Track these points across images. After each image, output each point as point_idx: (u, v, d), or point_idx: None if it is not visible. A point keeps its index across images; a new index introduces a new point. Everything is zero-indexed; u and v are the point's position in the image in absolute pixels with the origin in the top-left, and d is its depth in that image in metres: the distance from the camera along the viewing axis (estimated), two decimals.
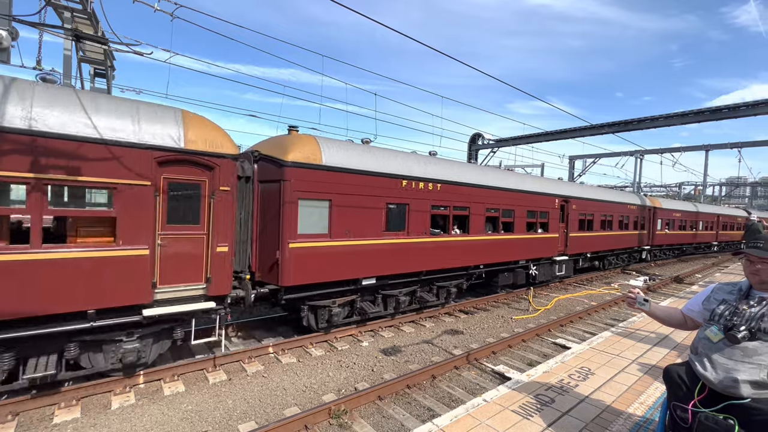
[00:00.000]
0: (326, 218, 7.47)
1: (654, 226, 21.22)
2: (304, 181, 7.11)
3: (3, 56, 5.84)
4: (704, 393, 2.36)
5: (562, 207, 14.10)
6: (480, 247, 10.74)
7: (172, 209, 5.70)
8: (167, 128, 5.60)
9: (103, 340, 5.44)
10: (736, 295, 2.46)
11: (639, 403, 4.42)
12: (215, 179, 5.98)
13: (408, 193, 8.80)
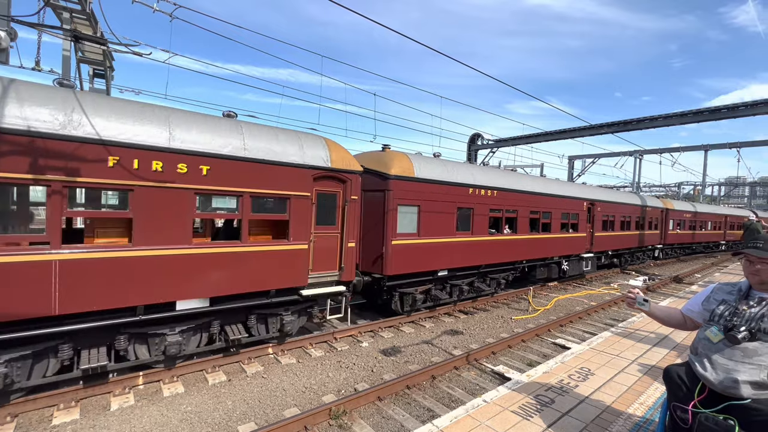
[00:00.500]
0: (415, 220, 9.17)
1: (666, 226, 22.85)
2: (402, 191, 8.81)
3: (2, 57, 5.83)
4: (704, 393, 2.36)
5: (589, 209, 15.73)
6: (525, 245, 12.41)
7: (320, 214, 7.45)
8: (319, 152, 7.35)
9: (271, 313, 7.10)
10: (735, 295, 2.45)
11: (639, 403, 4.42)
12: (347, 190, 7.76)
13: (473, 198, 10.47)
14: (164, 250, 5.64)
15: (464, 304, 11.01)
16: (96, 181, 5.08)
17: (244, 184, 6.32)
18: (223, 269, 6.19)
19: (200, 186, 5.90)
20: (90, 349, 5.46)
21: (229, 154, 6.10)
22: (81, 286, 5.00)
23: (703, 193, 38.96)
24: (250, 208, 6.46)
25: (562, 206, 14.11)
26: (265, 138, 6.68)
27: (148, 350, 5.94)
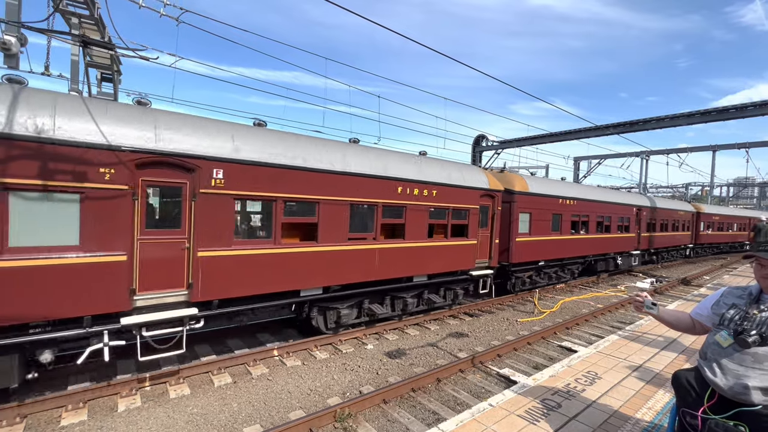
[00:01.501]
0: (528, 223, 12.36)
1: (698, 228, 26.30)
2: (522, 202, 12.09)
3: (12, 62, 5.93)
4: (714, 399, 2.33)
5: (637, 214, 18.94)
6: (593, 243, 15.77)
7: (481, 220, 10.65)
8: (482, 178, 10.79)
9: (450, 287, 10.27)
10: (746, 299, 2.42)
11: (647, 408, 4.36)
12: (495, 203, 11.11)
13: (562, 207, 13.83)
14: (416, 243, 8.97)
15: (469, 307, 10.97)
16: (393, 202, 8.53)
17: (450, 201, 9.65)
18: (437, 256, 9.45)
19: (432, 203, 9.25)
20: (373, 304, 8.64)
21: (445, 182, 9.48)
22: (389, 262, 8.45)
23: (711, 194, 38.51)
24: (451, 216, 9.73)
25: (619, 211, 17.43)
26: (456, 170, 10.11)
27: (392, 307, 9.07)
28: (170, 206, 5.88)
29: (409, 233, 8.72)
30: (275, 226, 6.68)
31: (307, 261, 7.11)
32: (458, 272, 10.15)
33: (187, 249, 5.84)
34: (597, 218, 15.84)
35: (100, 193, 5.09)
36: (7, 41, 5.63)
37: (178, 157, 5.66)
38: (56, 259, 4.81)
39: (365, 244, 7.98)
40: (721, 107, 15.29)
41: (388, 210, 8.38)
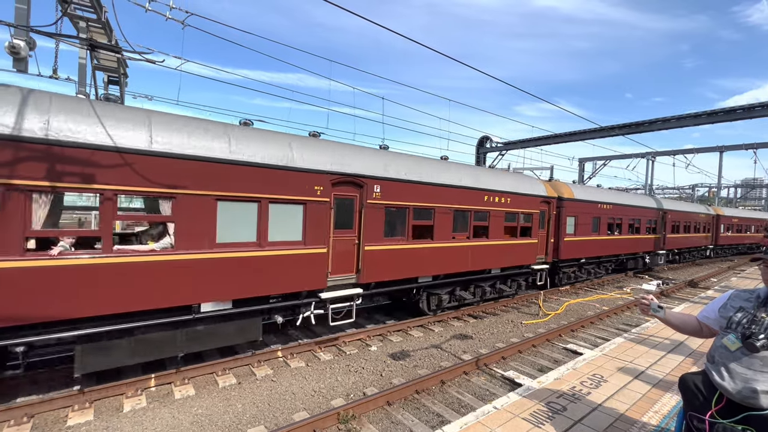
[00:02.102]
0: (574, 225, 14.40)
1: (718, 230, 28.02)
2: (569, 208, 14.09)
3: (21, 65, 6.02)
4: (722, 403, 2.30)
5: (663, 217, 20.76)
6: (626, 243, 17.75)
7: (540, 221, 12.61)
8: (542, 187, 12.87)
9: (513, 279, 12.05)
10: (754, 302, 2.39)
11: (653, 412, 4.32)
12: (551, 208, 13.19)
13: (600, 211, 15.87)
14: (496, 242, 10.89)
15: (474, 309, 10.93)
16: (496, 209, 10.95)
17: (519, 206, 11.57)
18: (510, 253, 11.36)
19: (507, 209, 11.19)
20: (462, 291, 10.50)
21: (516, 191, 11.43)
22: (477, 257, 10.32)
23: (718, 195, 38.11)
24: (520, 219, 11.68)
25: (647, 215, 19.29)
26: (523, 180, 12.35)
27: (473, 294, 10.82)
28: (348, 213, 7.85)
29: (491, 233, 10.75)
30: (408, 227, 8.76)
31: (425, 255, 9.15)
32: (523, 266, 12.24)
33: (357, 244, 7.95)
34: (629, 221, 17.82)
35: (314, 205, 7.16)
36: (17, 45, 5.71)
37: (356, 177, 7.71)
38: (292, 250, 6.94)
39: (463, 242, 10.00)
40: (728, 108, 15.14)
41: (477, 214, 10.36)
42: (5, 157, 4.61)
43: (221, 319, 6.42)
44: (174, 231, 5.72)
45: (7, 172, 4.62)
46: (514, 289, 12.12)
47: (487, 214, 10.61)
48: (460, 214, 9.90)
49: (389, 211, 8.44)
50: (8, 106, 4.73)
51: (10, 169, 4.64)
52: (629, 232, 17.82)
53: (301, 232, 7.02)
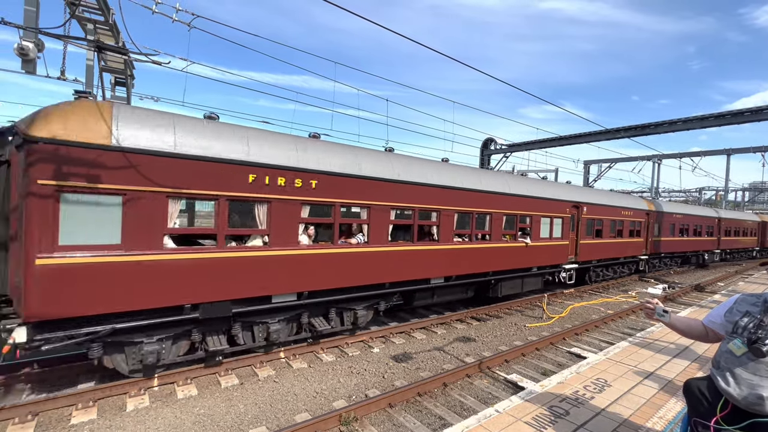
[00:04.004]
0: (659, 230, 19.35)
1: (764, 235, 34.63)
2: (654, 216, 18.93)
3: (30, 67, 6.10)
4: (727, 409, 2.27)
5: (718, 223, 25.77)
6: (690, 243, 22.72)
7: (571, 225, 13.67)
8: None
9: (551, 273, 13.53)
10: (760, 307, 2.36)
11: (658, 417, 4.27)
12: (580, 212, 14.05)
13: (675, 219, 20.79)
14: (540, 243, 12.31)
15: (477, 311, 10.89)
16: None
17: (554, 211, 12.79)
18: (547, 252, 12.66)
19: (546, 213, 12.48)
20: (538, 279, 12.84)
21: (553, 197, 12.80)
22: (532, 255, 12.07)
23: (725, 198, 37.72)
24: (552, 222, 12.79)
25: (706, 222, 24.37)
26: (557, 187, 13.70)
27: (521, 287, 12.16)
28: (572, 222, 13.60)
29: (534, 234, 12.08)
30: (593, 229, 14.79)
31: (528, 251, 11.87)
32: (555, 265, 13.26)
33: (575, 239, 13.71)
34: (693, 227, 22.64)
35: (565, 218, 13.15)
36: (25, 47, 5.80)
37: (578, 203, 13.74)
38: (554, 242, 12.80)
39: (521, 243, 11.86)
40: (735, 110, 14.98)
41: (529, 218, 11.97)
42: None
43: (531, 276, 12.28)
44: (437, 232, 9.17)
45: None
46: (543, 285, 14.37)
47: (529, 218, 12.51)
48: (523, 218, 12.08)
49: (590, 221, 14.54)
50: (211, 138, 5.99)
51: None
52: (693, 235, 22.77)
53: (561, 232, 13.04)
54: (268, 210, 6.43)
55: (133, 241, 5.27)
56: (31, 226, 4.60)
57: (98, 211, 5.04)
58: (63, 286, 4.78)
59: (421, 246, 8.71)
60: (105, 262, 5.05)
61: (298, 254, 6.78)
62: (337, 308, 7.86)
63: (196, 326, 6.18)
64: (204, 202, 6.26)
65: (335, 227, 7.31)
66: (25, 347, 4.78)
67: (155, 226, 5.45)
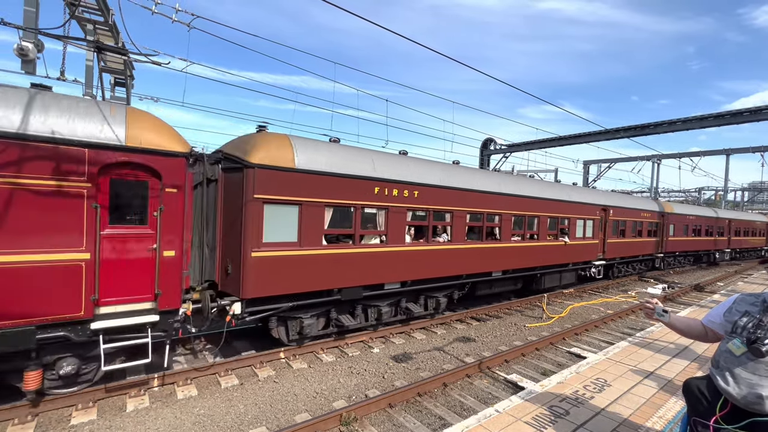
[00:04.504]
0: (683, 231, 22.11)
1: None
2: (671, 220, 20.93)
3: (29, 67, 6.09)
4: (726, 409, 2.27)
5: (729, 224, 27.67)
6: (702, 243, 24.33)
7: (600, 226, 15.20)
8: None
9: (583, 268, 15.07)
10: (759, 306, 2.36)
11: (658, 417, 4.28)
12: (608, 214, 15.66)
13: (690, 221, 22.49)
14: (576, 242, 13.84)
15: (477, 311, 10.89)
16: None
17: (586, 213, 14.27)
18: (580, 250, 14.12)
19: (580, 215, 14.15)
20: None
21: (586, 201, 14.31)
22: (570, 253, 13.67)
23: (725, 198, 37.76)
24: (585, 223, 14.24)
25: (718, 223, 26.10)
26: (587, 192, 15.49)
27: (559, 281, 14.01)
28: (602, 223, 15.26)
29: (570, 234, 13.54)
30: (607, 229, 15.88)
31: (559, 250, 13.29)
32: (587, 262, 14.72)
33: (603, 239, 15.23)
34: (705, 227, 24.41)
35: (596, 220, 14.81)
36: (25, 47, 5.79)
37: (606, 206, 15.40)
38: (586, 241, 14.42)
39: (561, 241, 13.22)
40: (734, 110, 14.99)
41: (567, 220, 13.50)
42: None
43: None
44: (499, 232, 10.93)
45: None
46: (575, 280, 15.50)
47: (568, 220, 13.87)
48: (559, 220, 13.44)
49: (615, 222, 16.15)
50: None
51: None
52: (705, 235, 24.21)
53: (591, 233, 14.60)
54: (386, 215, 8.12)
55: (305, 239, 6.94)
56: (248, 228, 6.27)
57: (284, 217, 6.73)
58: (266, 273, 6.48)
59: (488, 244, 10.41)
60: (289, 255, 6.76)
61: (404, 250, 8.50)
62: (426, 295, 9.52)
63: (334, 307, 7.81)
64: (345, 209, 7.65)
65: (429, 228, 9.03)
66: (238, 318, 6.40)
67: (318, 228, 7.12)
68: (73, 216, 4.80)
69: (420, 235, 9.29)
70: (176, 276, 5.66)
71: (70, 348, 5.11)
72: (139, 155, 5.22)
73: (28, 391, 4.83)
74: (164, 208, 5.48)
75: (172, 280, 5.60)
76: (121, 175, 5.20)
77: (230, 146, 7.08)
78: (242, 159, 6.39)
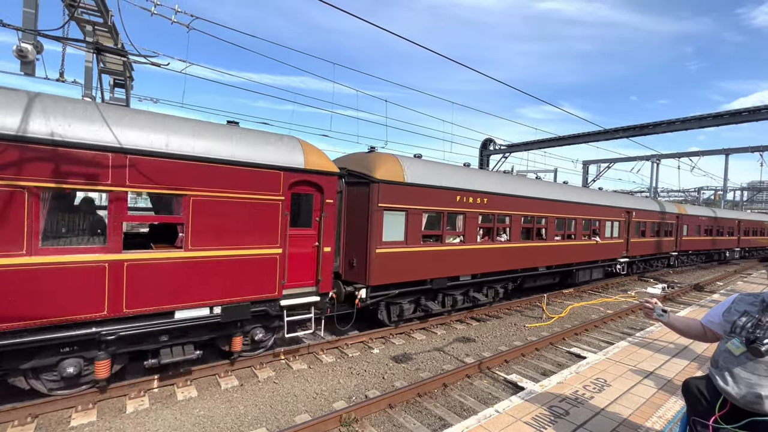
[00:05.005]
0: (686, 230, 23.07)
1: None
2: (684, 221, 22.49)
3: (28, 69, 6.09)
4: (726, 408, 2.28)
5: (738, 224, 29.04)
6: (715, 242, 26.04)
7: (625, 227, 17.02)
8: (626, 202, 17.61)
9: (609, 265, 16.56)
10: (758, 306, 2.37)
11: (657, 416, 4.29)
12: (631, 216, 17.28)
13: (702, 222, 23.84)
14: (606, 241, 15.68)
15: (477, 312, 10.89)
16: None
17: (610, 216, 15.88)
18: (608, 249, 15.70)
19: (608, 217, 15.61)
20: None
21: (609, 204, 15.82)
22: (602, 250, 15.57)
23: (724, 198, 37.81)
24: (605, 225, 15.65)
25: (728, 223, 27.39)
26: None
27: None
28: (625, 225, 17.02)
29: (600, 234, 15.16)
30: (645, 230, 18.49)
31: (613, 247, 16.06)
32: (613, 259, 16.44)
33: (627, 238, 16.99)
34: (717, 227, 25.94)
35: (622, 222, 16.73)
36: (24, 49, 5.79)
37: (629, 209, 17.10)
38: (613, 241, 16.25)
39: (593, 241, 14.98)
40: (733, 110, 15.01)
41: (598, 222, 15.28)
42: None
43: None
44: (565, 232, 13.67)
45: None
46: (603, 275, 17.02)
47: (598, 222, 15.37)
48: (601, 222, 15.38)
49: (637, 223, 17.82)
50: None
51: None
52: (717, 235, 25.78)
53: (617, 233, 16.41)
54: (463, 219, 9.74)
55: (410, 239, 8.56)
56: (373, 230, 7.92)
57: (396, 221, 8.34)
58: (384, 266, 8.13)
59: (537, 243, 12.08)
60: (398, 251, 8.40)
61: (476, 248, 10.16)
62: (487, 286, 11.13)
63: (423, 294, 9.38)
64: (436, 214, 9.29)
65: (494, 229, 10.72)
66: (363, 301, 8.02)
67: (417, 230, 8.73)
68: (273, 221, 6.40)
69: (486, 236, 10.82)
70: (331, 266, 7.33)
71: (260, 321, 6.75)
72: (312, 175, 6.85)
73: (235, 351, 6.42)
74: (325, 214, 7.09)
75: (328, 269, 7.26)
76: (299, 191, 6.82)
77: (352, 164, 8.61)
78: (368, 175, 8.02)
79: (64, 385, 5.21)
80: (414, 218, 8.62)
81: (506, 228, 11.18)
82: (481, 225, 10.33)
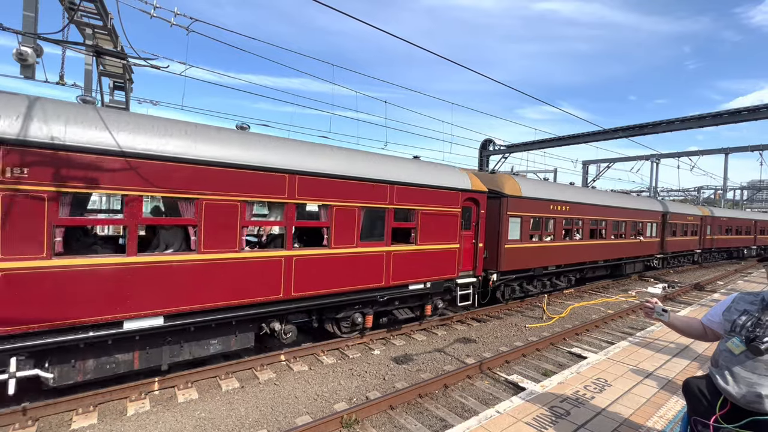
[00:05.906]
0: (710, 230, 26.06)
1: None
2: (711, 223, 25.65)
3: (28, 72, 6.11)
4: (726, 408, 2.28)
5: (755, 224, 31.46)
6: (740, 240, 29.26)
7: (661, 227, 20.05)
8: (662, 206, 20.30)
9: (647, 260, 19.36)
10: (758, 305, 2.37)
11: (658, 416, 4.28)
12: (665, 219, 20.16)
13: (723, 222, 26.71)
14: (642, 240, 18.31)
15: (477, 312, 10.89)
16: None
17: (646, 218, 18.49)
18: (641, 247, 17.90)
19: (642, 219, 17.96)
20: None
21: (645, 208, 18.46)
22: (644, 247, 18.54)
23: (724, 197, 37.82)
24: (692, 227, 22.52)
25: (746, 224, 29.98)
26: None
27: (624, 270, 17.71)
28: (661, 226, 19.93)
29: (643, 234, 17.93)
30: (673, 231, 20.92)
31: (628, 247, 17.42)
32: (650, 255, 18.85)
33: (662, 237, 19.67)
34: (735, 227, 28.22)
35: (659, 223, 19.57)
36: (24, 52, 5.81)
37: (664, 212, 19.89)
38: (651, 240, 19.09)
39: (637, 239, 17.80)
40: (732, 109, 15.01)
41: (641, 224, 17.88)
42: None
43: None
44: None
45: None
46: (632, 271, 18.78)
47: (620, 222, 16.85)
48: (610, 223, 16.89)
49: (670, 225, 20.31)
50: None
51: None
52: (736, 234, 28.37)
53: (655, 233, 19.04)
54: (554, 222, 12.62)
55: (523, 237, 11.38)
56: (503, 231, 10.80)
57: (515, 225, 11.13)
58: (509, 257, 10.99)
59: (599, 241, 14.98)
60: (516, 247, 11.19)
61: (559, 245, 12.96)
62: (563, 275, 14.04)
63: (525, 280, 12.28)
64: (537, 219, 12.05)
65: (573, 230, 13.65)
66: (495, 283, 10.80)
67: (527, 231, 11.53)
68: (454, 226, 9.18)
69: (566, 236, 13.55)
70: (482, 258, 10.20)
71: (441, 294, 9.41)
72: (474, 193, 9.69)
73: (426, 315, 9.27)
74: (479, 221, 9.95)
75: (480, 259, 10.13)
76: (466, 204, 9.53)
77: (485, 182, 10.70)
78: (501, 192, 10.87)
79: (350, 330, 7.95)
80: (526, 222, 11.50)
81: (579, 229, 13.99)
82: (564, 227, 13.25)
